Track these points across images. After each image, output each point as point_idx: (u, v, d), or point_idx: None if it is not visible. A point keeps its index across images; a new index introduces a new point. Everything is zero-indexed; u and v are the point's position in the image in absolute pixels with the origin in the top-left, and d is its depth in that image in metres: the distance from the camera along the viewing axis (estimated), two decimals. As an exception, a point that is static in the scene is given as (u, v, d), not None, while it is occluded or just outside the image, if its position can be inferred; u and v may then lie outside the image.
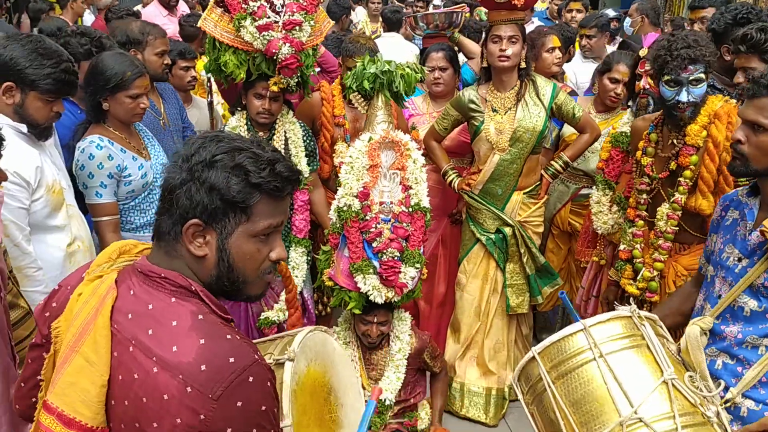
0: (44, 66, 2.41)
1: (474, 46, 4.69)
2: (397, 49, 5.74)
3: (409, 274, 2.83)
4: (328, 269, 2.97)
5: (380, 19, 6.21)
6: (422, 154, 3.02)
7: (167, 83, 3.76)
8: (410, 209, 2.87)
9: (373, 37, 5.23)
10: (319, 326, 2.15)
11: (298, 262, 3.39)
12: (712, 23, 3.55)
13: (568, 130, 3.93)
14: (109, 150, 2.76)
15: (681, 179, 2.74)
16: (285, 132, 3.34)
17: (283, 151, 3.32)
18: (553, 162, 3.67)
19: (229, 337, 1.32)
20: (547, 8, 6.86)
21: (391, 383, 3.00)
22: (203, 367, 1.27)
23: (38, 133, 2.52)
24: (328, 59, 4.05)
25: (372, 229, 2.82)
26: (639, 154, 2.93)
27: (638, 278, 2.88)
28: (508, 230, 3.60)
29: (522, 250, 3.61)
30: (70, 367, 1.35)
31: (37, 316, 1.53)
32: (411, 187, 2.87)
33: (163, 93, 3.65)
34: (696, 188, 2.73)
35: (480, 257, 3.68)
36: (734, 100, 2.74)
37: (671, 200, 2.78)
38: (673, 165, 2.77)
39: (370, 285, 2.80)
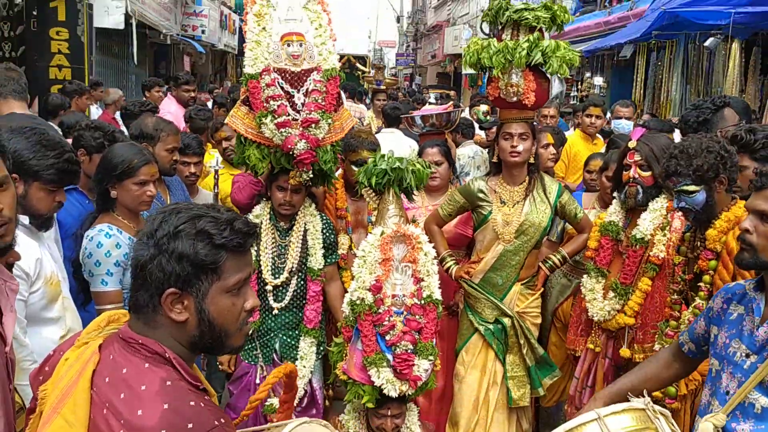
0: (48, 157, 2.47)
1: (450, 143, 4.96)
2: (397, 144, 5.93)
3: (422, 367, 2.82)
4: (341, 362, 2.96)
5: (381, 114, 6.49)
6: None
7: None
8: (422, 301, 2.90)
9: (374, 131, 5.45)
10: (317, 419, 2.11)
11: (306, 352, 3.41)
12: (691, 120, 3.59)
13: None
14: (118, 238, 2.79)
15: (701, 284, 2.70)
16: (305, 223, 3.46)
17: (301, 242, 3.43)
18: (551, 255, 3.72)
19: (192, 403, 1.39)
20: None
21: None
22: None
23: (39, 223, 2.55)
24: None
25: (385, 322, 2.83)
26: (672, 252, 2.94)
27: None
28: (507, 321, 3.60)
29: (521, 341, 3.61)
30: (50, 427, 1.41)
31: (31, 380, 1.60)
32: (423, 280, 2.91)
33: (170, 184, 3.73)
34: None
35: (478, 348, 3.66)
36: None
37: (693, 305, 2.72)
38: (696, 268, 2.75)
39: (384, 378, 2.79)
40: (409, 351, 2.81)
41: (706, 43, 7.92)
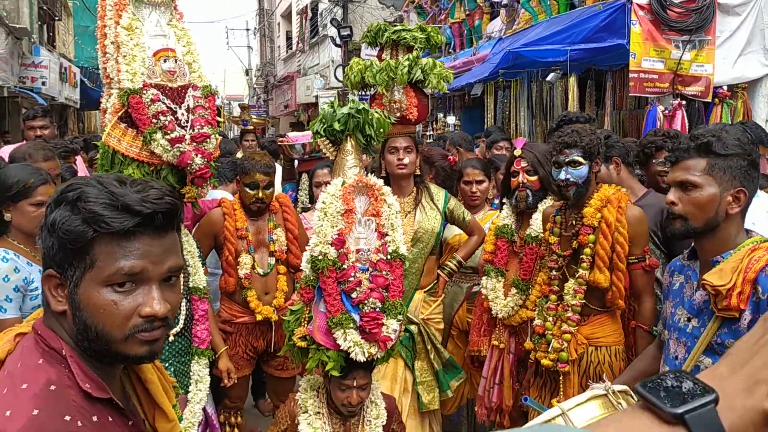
0: None
1: None
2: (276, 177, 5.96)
3: (391, 327, 2.64)
4: (299, 328, 2.70)
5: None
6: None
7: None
8: (388, 257, 2.72)
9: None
10: None
11: (201, 375, 3.26)
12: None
13: (449, 233, 4.22)
14: (16, 262, 2.61)
15: (582, 256, 2.98)
16: (181, 243, 3.33)
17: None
18: (447, 262, 3.88)
19: (67, 418, 1.15)
20: None
21: None
22: None
23: None
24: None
25: (350, 279, 2.61)
26: (547, 234, 3.19)
27: (549, 349, 3.02)
28: (414, 328, 3.69)
29: (428, 347, 3.72)
30: None
31: None
32: (387, 234, 2.74)
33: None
34: (594, 264, 2.97)
35: (387, 358, 3.71)
36: (624, 189, 3.06)
37: (576, 276, 2.98)
38: (575, 244, 3.02)
39: (351, 341, 2.56)
40: (377, 309, 2.60)
41: (548, 78, 8.73)
